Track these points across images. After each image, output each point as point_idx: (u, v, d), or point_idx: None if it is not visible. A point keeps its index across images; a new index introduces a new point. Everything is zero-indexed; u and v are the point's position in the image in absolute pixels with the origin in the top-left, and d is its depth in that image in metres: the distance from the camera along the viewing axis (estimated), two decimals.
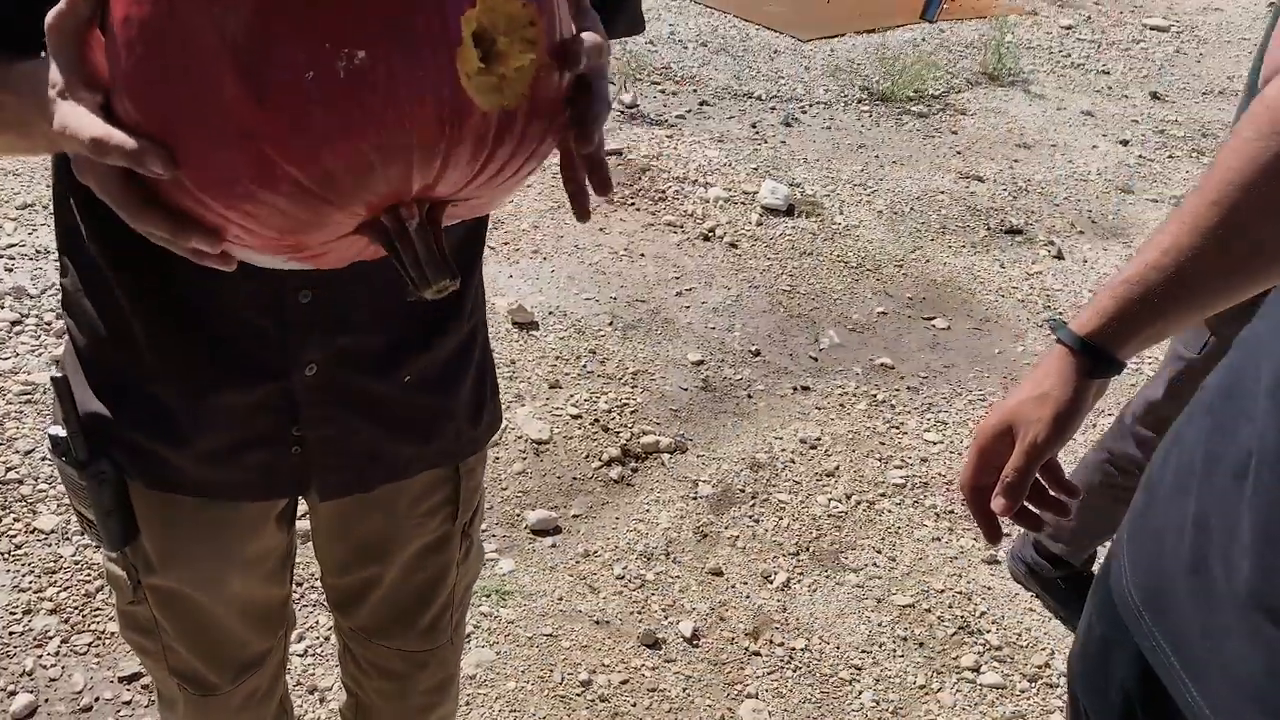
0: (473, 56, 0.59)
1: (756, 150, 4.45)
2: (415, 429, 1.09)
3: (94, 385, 1.00)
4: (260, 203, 0.60)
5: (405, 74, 0.57)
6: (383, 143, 0.58)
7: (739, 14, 6.18)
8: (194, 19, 0.56)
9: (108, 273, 0.93)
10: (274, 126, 0.56)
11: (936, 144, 4.69)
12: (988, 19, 6.45)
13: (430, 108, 0.58)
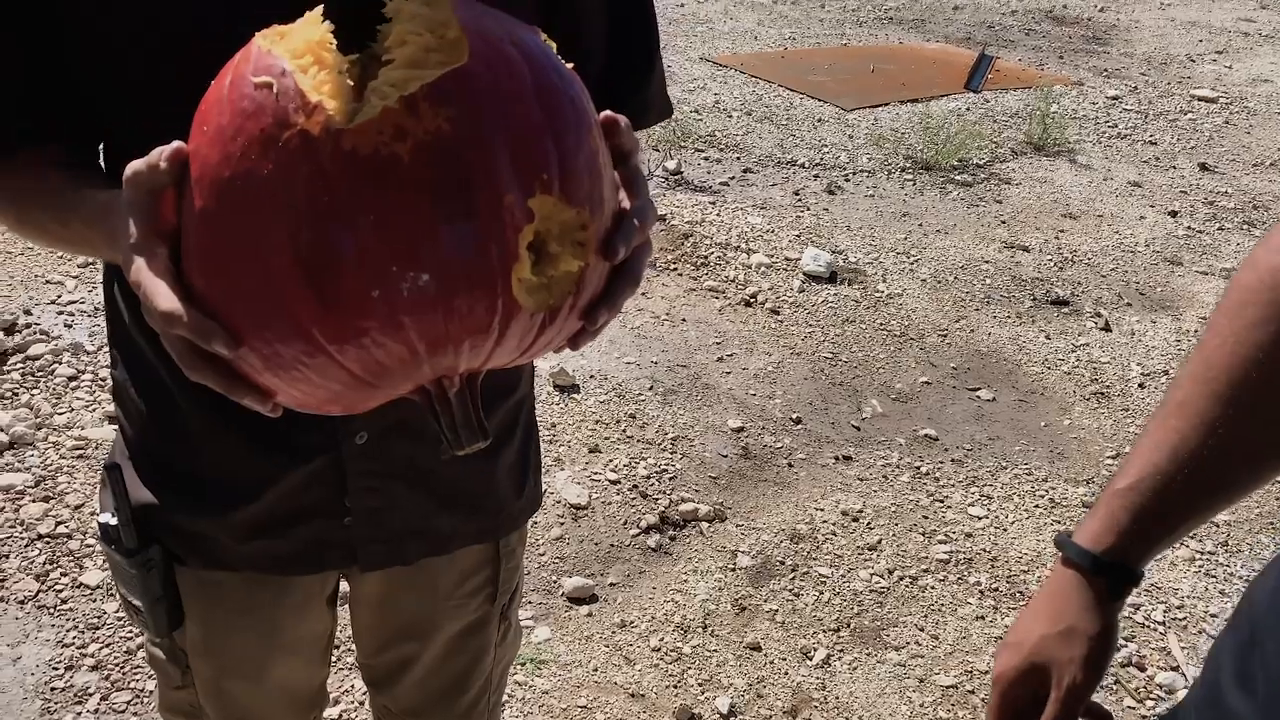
0: (527, 266, 0.62)
1: (799, 217, 4.47)
2: (458, 501, 1.09)
3: (143, 473, 1.01)
4: (313, 383, 0.64)
5: (464, 290, 0.60)
6: (434, 345, 0.62)
7: (783, 83, 6.26)
8: (267, 225, 0.59)
9: (155, 363, 0.96)
10: (335, 331, 0.60)
11: (981, 213, 4.69)
12: (1032, 89, 6.47)
13: (482, 315, 0.62)
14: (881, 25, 8.25)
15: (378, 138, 0.58)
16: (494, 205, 0.60)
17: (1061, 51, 7.84)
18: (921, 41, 7.82)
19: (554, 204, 0.63)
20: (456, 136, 0.59)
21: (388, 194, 0.58)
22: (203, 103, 0.65)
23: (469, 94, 0.61)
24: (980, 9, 9.17)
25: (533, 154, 0.62)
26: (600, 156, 0.68)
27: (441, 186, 0.59)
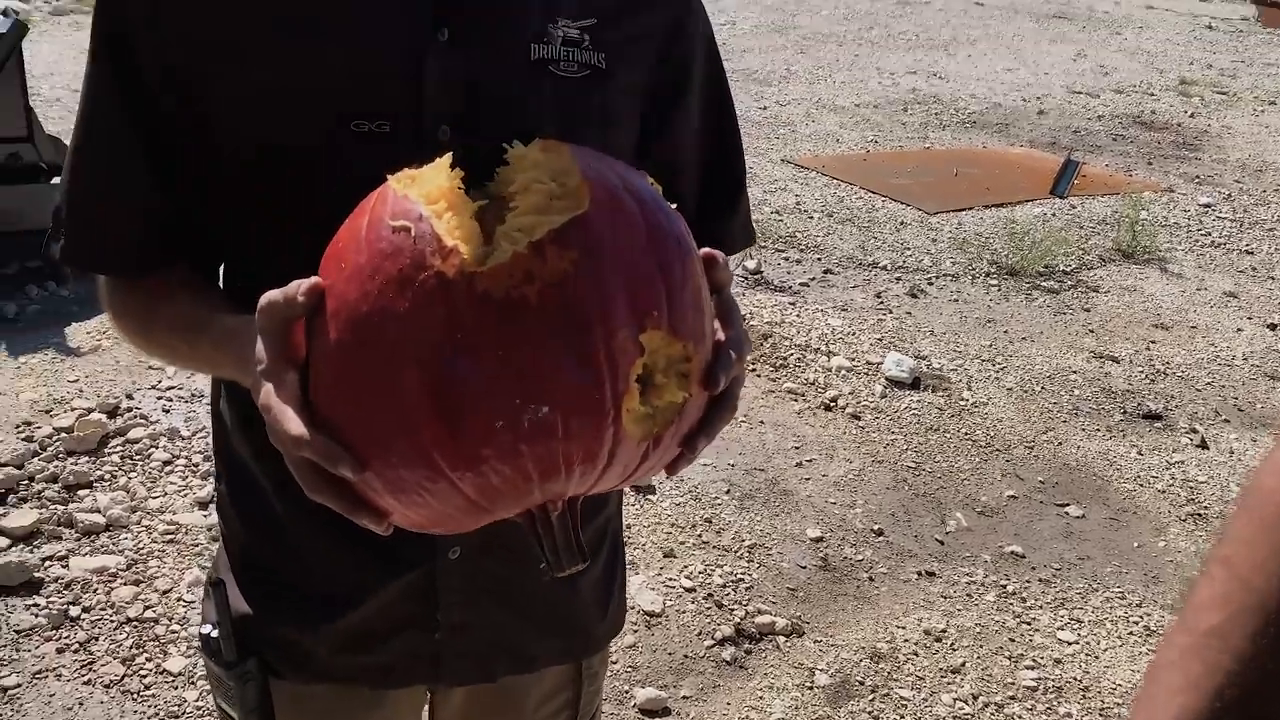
0: (636, 397, 0.67)
1: (881, 320, 4.45)
2: (544, 619, 1.09)
3: (245, 585, 1.04)
4: (430, 506, 0.68)
5: (579, 421, 0.64)
6: (548, 472, 0.66)
7: (865, 186, 6.31)
8: (401, 358, 0.64)
9: (259, 478, 0.99)
10: (458, 458, 0.64)
11: (1068, 321, 4.61)
12: (1121, 195, 6.40)
13: (594, 444, 0.66)
14: (965, 129, 8.29)
15: (508, 280, 0.63)
16: (610, 342, 0.64)
17: (1150, 157, 7.76)
18: (1006, 146, 7.83)
19: (662, 338, 0.67)
20: (579, 279, 0.64)
21: (516, 333, 0.63)
22: (338, 242, 0.70)
23: (590, 239, 0.65)
24: (1065, 114, 9.15)
25: (645, 293, 0.66)
26: (702, 291, 0.72)
27: (564, 326, 0.63)
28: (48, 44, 8.10)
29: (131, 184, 0.89)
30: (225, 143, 0.87)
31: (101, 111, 0.88)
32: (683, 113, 1.03)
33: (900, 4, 17.68)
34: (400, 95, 0.85)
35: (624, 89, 0.95)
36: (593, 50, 0.91)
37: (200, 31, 0.85)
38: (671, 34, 0.98)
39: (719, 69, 1.07)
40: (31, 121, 3.91)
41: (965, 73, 11.03)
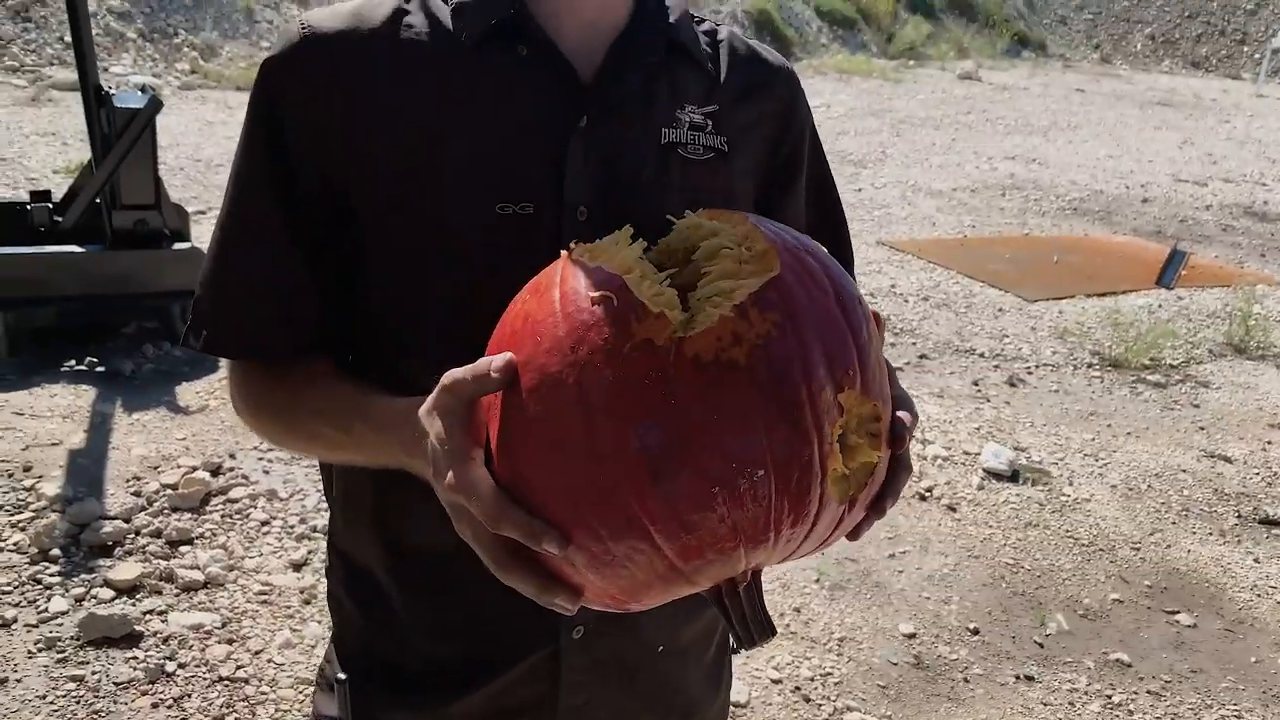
0: (839, 459, 0.66)
1: (979, 409, 4.34)
2: (658, 700, 1.08)
3: (363, 677, 1.03)
4: (632, 579, 0.67)
5: (792, 484, 0.64)
6: (756, 538, 0.65)
7: (962, 271, 6.23)
8: (613, 428, 0.63)
9: (377, 567, 0.99)
10: (671, 525, 0.63)
11: (1176, 417, 4.43)
12: (1231, 288, 6.19)
13: (804, 507, 0.65)
14: (1065, 216, 8.15)
15: (717, 343, 0.63)
16: (815, 402, 0.64)
17: (1263, 250, 7.51)
18: (1108, 234, 7.67)
19: (856, 398, 0.67)
20: (783, 339, 0.64)
21: (729, 395, 0.63)
22: (525, 317, 0.70)
23: (787, 300, 0.66)
24: (1171, 203, 8.94)
25: (841, 352, 0.66)
26: (881, 351, 0.73)
27: (774, 387, 0.63)
28: (174, 116, 8.59)
29: (280, 269, 0.91)
30: (372, 227, 0.89)
31: (251, 198, 0.91)
32: (793, 198, 1.07)
33: (998, 89, 17.63)
34: (544, 179, 0.88)
35: (743, 171, 0.99)
36: (716, 134, 0.96)
37: (355, 122, 0.88)
38: (783, 121, 1.04)
39: (824, 161, 1.11)
40: (159, 190, 4.13)
41: (1065, 159, 10.89)
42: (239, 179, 0.91)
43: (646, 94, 0.93)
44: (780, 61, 1.06)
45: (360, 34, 0.89)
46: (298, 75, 0.88)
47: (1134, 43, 27.60)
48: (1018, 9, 26.62)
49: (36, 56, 10.75)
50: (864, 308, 0.72)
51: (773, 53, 1.07)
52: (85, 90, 3.97)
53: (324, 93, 0.88)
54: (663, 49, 0.95)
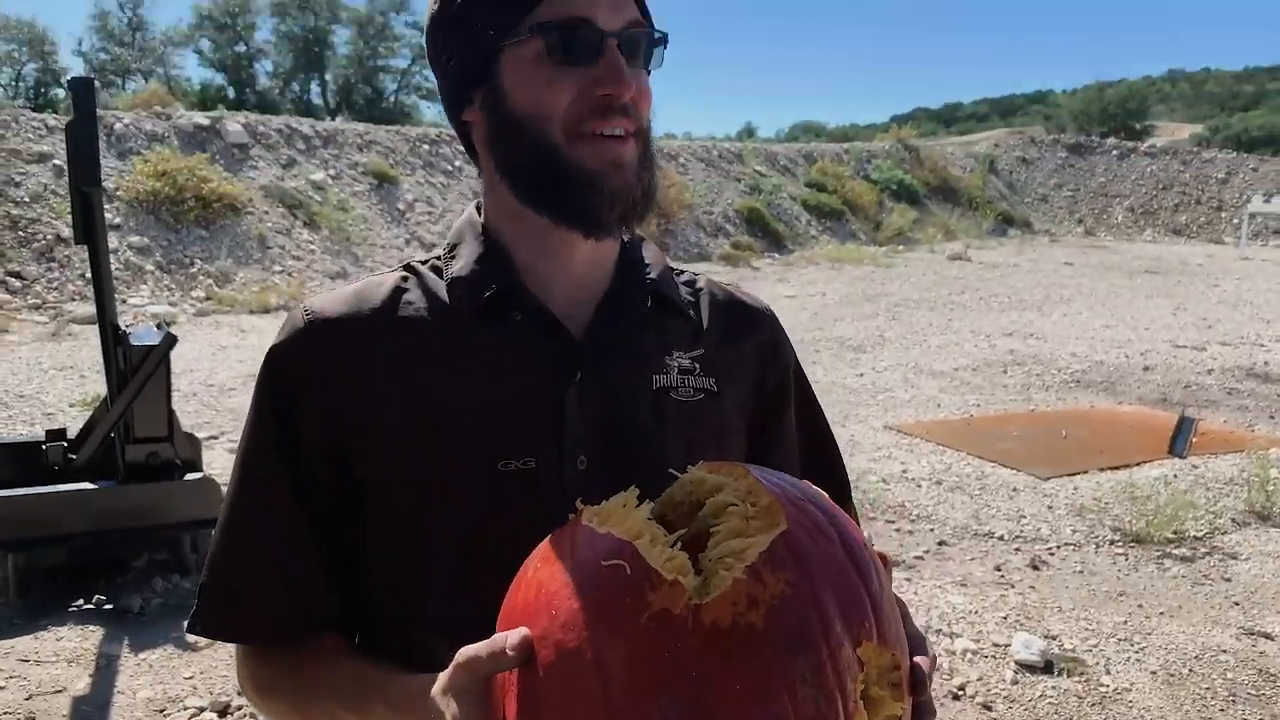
0: (864, 716, 0.65)
1: (1004, 596, 4.23)
2: None
3: None
4: None
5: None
6: None
7: (972, 452, 6.22)
8: (633, 705, 0.62)
9: None
10: None
11: (1209, 593, 4.31)
12: (1244, 452, 6.15)
13: None
14: (1068, 389, 8.21)
15: (733, 608, 0.62)
16: (836, 660, 0.63)
17: (1271, 411, 7.51)
18: (1114, 405, 7.69)
19: (874, 649, 0.65)
20: (798, 598, 0.63)
21: (751, 662, 0.61)
22: (537, 587, 0.69)
23: (797, 555, 0.65)
24: (1172, 369, 9.02)
25: (855, 603, 0.66)
26: (893, 595, 0.72)
27: (794, 647, 0.62)
28: (189, 343, 8.84)
29: (287, 549, 0.92)
30: (376, 493, 0.91)
31: (258, 479, 0.93)
32: (784, 426, 1.10)
33: (988, 267, 18.15)
34: (545, 435, 0.91)
35: (734, 408, 1.03)
36: (704, 376, 1.00)
37: (359, 402, 0.91)
38: (767, 359, 1.08)
39: (809, 388, 1.15)
40: (172, 422, 4.20)
41: (1062, 332, 11.08)
42: (247, 461, 0.94)
43: (636, 345, 0.97)
44: (759, 304, 1.11)
45: (362, 316, 0.93)
46: (303, 360, 0.92)
47: (1115, 215, 28.62)
48: (999, 190, 27.79)
49: (59, 294, 11.19)
50: (870, 551, 0.71)
51: (751, 296, 1.12)
52: (103, 329, 4.11)
53: (328, 376, 0.91)
54: (647, 301, 1.00)
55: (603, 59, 0.87)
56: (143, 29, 33.29)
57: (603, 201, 0.89)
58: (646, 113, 0.93)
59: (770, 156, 23.88)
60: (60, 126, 13.21)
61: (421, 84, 35.45)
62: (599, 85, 0.87)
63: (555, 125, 0.88)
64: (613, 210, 0.90)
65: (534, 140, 0.89)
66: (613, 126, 0.89)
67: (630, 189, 0.91)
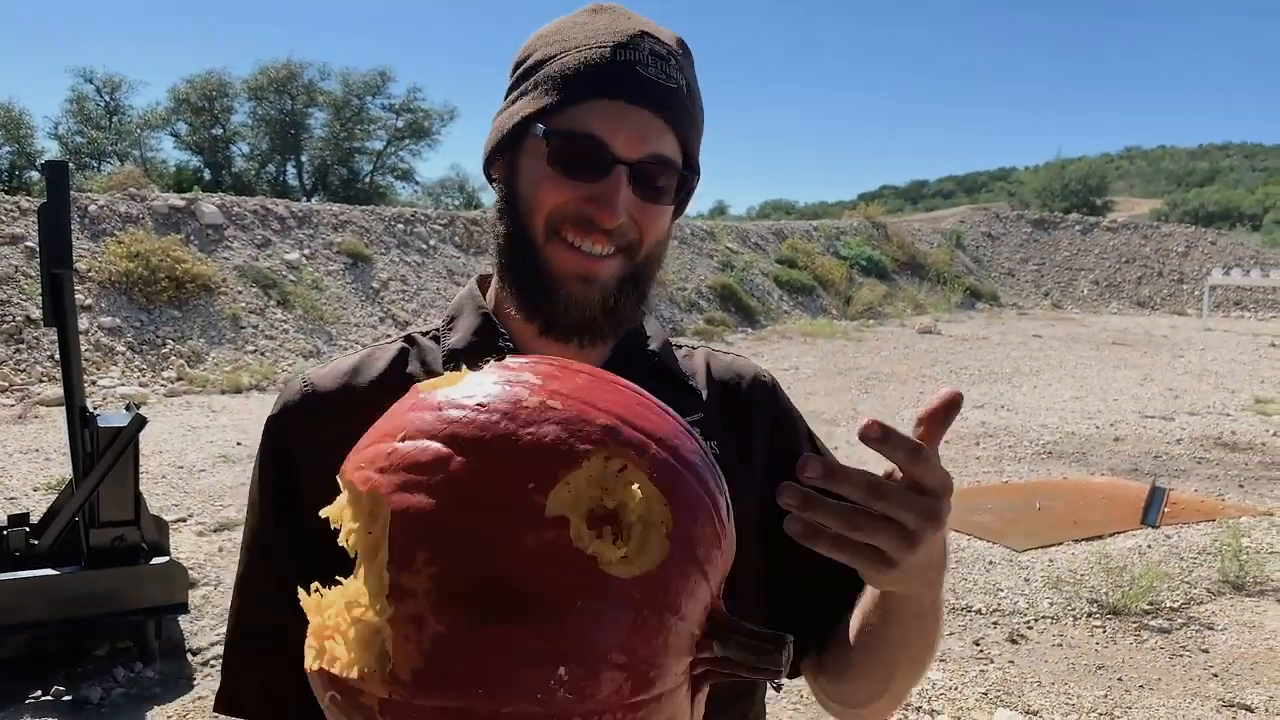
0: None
1: (983, 672, 4.19)
2: None
3: None
4: None
5: None
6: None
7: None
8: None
9: None
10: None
11: (1187, 665, 4.29)
12: (1215, 521, 6.19)
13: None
14: (1040, 460, 8.26)
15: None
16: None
17: (1240, 480, 7.58)
18: (1086, 475, 7.74)
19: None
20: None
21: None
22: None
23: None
24: (1142, 439, 9.11)
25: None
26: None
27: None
28: (159, 423, 8.74)
29: (296, 617, 0.91)
30: None
31: (262, 548, 0.94)
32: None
33: (957, 340, 18.38)
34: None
35: (736, 467, 1.00)
36: (705, 439, 0.99)
37: None
38: (772, 420, 1.08)
39: (817, 442, 1.14)
40: (139, 505, 4.14)
41: (1033, 404, 11.19)
42: (252, 533, 0.95)
43: None
44: (758, 371, 1.12)
45: (358, 388, 0.95)
46: (299, 427, 0.94)
47: (1080, 288, 29.18)
48: (966, 265, 28.29)
49: (26, 375, 11.06)
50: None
51: (748, 363, 1.13)
52: (70, 411, 4.07)
53: (322, 443, 0.91)
54: (646, 372, 0.99)
55: (604, 180, 0.89)
56: (120, 113, 33.54)
57: (557, 306, 0.91)
58: (649, 241, 0.94)
59: (741, 234, 24.24)
60: (33, 209, 13.22)
61: (396, 165, 35.90)
62: (589, 202, 0.89)
63: (539, 220, 0.91)
64: (567, 317, 0.92)
65: (521, 225, 0.92)
66: (589, 243, 0.90)
67: (591, 304, 0.91)
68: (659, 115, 0.90)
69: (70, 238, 3.95)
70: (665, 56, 0.92)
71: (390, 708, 0.58)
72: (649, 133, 0.90)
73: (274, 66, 34.20)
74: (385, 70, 35.29)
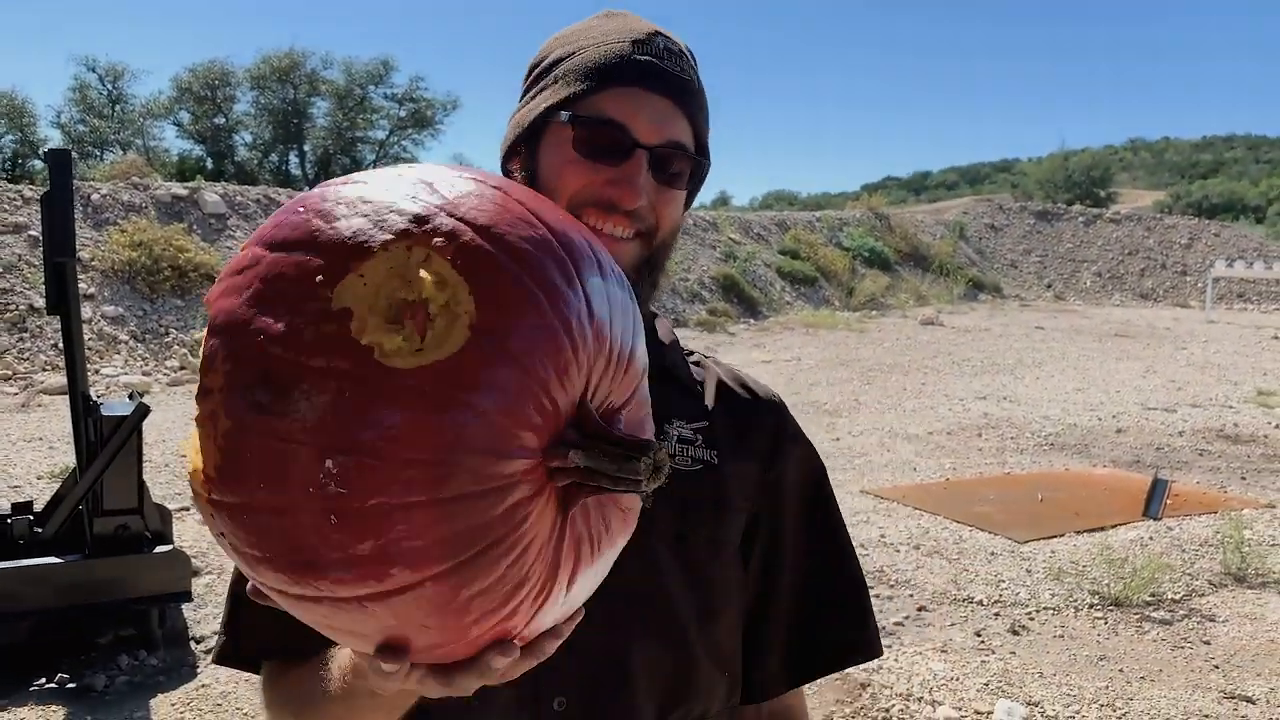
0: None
1: (985, 663, 4.20)
2: None
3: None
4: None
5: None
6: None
7: (949, 516, 6.22)
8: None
9: None
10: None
11: (1189, 656, 4.30)
12: (1218, 513, 6.19)
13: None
14: (1043, 452, 8.26)
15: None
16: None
17: (1243, 472, 7.58)
18: (1088, 467, 7.74)
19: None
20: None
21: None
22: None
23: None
24: (1144, 431, 9.11)
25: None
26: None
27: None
28: (162, 412, 8.74)
29: None
30: None
31: None
32: (785, 514, 1.10)
33: (960, 332, 18.36)
34: None
35: (735, 483, 1.04)
36: (705, 448, 1.03)
37: None
38: (778, 443, 1.10)
39: (824, 480, 1.15)
40: (142, 494, 4.14)
41: (1035, 395, 11.18)
42: None
43: None
44: (766, 391, 1.13)
45: None
46: None
47: (1083, 280, 29.13)
48: (969, 257, 28.24)
49: (29, 364, 11.08)
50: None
51: (757, 382, 1.14)
52: (74, 399, 4.07)
53: None
54: (650, 370, 1.01)
55: (625, 164, 0.93)
56: (122, 101, 33.48)
57: None
58: (665, 228, 0.98)
59: (744, 224, 24.20)
60: (36, 198, 13.21)
61: (399, 154, 35.82)
62: (611, 185, 0.93)
63: (561, 204, 0.92)
64: None
65: None
66: (611, 225, 0.94)
67: None
68: (675, 104, 0.95)
69: (73, 226, 3.95)
70: (678, 54, 0.98)
71: (213, 507, 0.60)
72: (666, 119, 0.95)
73: (276, 55, 34.10)
74: (388, 59, 35.26)
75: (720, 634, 1.03)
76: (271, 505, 0.57)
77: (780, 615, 1.09)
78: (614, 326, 0.64)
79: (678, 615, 0.99)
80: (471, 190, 0.63)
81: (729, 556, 1.04)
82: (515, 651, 0.64)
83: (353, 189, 0.63)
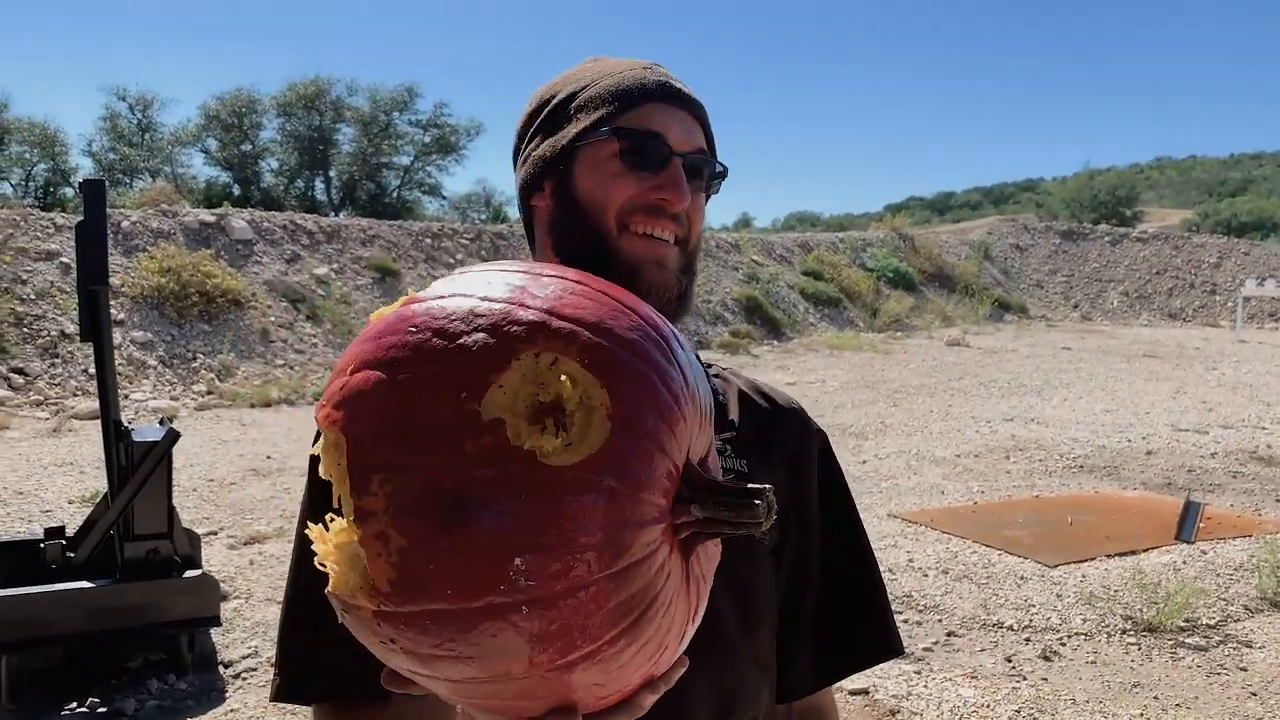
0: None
1: (1016, 689, 4.14)
2: None
3: None
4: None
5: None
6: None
7: (978, 539, 6.16)
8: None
9: None
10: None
11: (1225, 683, 4.22)
12: (1253, 536, 6.10)
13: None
14: (1072, 474, 8.17)
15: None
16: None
17: (1278, 494, 7.46)
18: (1118, 490, 7.65)
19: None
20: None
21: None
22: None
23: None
24: (1175, 453, 8.99)
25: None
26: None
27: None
28: (190, 437, 8.82)
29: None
30: None
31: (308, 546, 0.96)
32: (810, 517, 1.12)
33: (986, 353, 18.23)
34: None
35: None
36: (735, 458, 1.06)
37: None
38: (800, 451, 1.13)
39: (843, 484, 1.17)
40: (172, 519, 4.18)
41: (1064, 416, 11.07)
42: (300, 537, 0.96)
43: None
44: (786, 399, 1.16)
45: None
46: None
47: (1110, 300, 28.89)
48: (994, 277, 28.09)
49: (61, 389, 11.22)
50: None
51: (776, 391, 1.17)
52: (105, 426, 4.12)
53: None
54: None
55: (666, 170, 0.99)
56: (152, 130, 34.02)
57: (640, 292, 0.95)
58: (698, 228, 1.04)
59: (767, 246, 24.20)
60: (68, 225, 13.43)
61: (424, 180, 36.18)
62: (657, 190, 0.99)
63: (610, 214, 0.99)
64: (648, 301, 0.95)
65: (590, 224, 0.99)
66: (660, 229, 0.99)
67: (668, 287, 1.00)
68: (692, 116, 1.04)
69: (107, 255, 4.01)
70: (679, 80, 1.06)
71: (381, 617, 0.64)
72: (691, 130, 1.03)
73: (302, 83, 34.54)
74: (412, 86, 35.55)
75: (761, 641, 1.06)
76: (463, 608, 0.62)
77: (810, 616, 1.12)
78: (700, 389, 0.71)
79: (725, 627, 1.01)
80: (563, 289, 0.70)
81: (765, 563, 1.07)
82: (662, 688, 0.70)
83: (456, 302, 0.68)
